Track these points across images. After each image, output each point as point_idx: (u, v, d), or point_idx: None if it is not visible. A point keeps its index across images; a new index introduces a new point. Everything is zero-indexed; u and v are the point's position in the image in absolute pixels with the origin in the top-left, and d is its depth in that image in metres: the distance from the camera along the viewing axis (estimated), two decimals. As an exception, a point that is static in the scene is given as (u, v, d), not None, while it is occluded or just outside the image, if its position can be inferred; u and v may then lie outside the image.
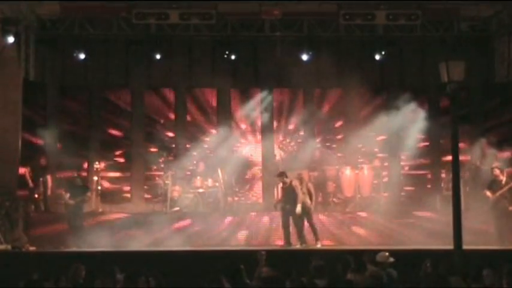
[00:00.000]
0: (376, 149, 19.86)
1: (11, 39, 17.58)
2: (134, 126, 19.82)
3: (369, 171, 19.19)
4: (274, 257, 11.74)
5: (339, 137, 20.16)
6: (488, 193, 16.38)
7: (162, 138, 19.89)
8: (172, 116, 20.13)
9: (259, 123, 20.12)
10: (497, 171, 16.53)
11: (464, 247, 11.77)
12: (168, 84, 20.13)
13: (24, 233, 16.74)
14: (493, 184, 16.48)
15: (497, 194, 16.30)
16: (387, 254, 11.01)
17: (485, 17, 19.30)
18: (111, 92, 19.91)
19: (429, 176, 19.84)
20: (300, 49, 19.23)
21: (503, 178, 16.48)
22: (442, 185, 19.01)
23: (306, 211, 16.11)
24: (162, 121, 20.00)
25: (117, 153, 19.82)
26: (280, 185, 16.74)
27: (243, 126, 20.24)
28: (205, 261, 12.18)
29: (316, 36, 19.34)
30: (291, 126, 20.28)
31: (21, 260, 14.39)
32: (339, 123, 20.16)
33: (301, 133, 20.22)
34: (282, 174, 16.54)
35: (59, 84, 19.69)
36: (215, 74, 19.90)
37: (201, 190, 18.63)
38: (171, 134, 19.99)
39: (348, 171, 19.06)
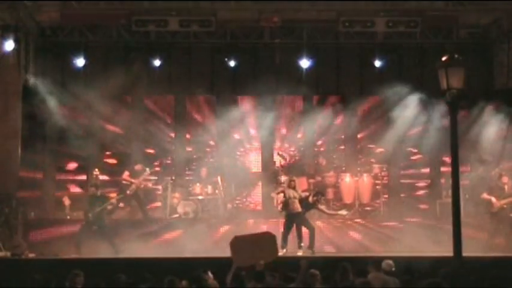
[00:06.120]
0: (376, 156, 19.92)
1: (10, 46, 17.60)
2: (133, 132, 19.80)
3: (368, 178, 19.20)
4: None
5: (339, 143, 20.17)
6: (493, 199, 16.36)
7: (162, 145, 19.88)
8: (171, 122, 20.14)
9: (258, 130, 20.12)
10: (505, 179, 16.54)
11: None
12: (168, 91, 20.14)
13: (24, 240, 16.73)
14: (496, 190, 16.48)
15: (503, 202, 16.31)
16: (391, 262, 11.02)
17: (485, 24, 19.33)
18: (111, 98, 19.88)
19: (429, 183, 19.86)
20: (299, 56, 19.25)
21: (506, 187, 16.52)
22: (442, 192, 19.01)
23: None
24: (161, 128, 20.00)
25: (116, 160, 19.82)
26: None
27: (243, 133, 20.23)
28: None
29: (315, 43, 19.37)
30: (290, 133, 20.30)
31: (20, 267, 14.36)
32: (338, 130, 20.17)
33: (301, 140, 20.25)
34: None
35: (59, 91, 19.67)
36: (215, 81, 19.93)
37: (200, 197, 18.64)
38: (170, 141, 19.99)
39: (347, 179, 19.07)
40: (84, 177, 19.47)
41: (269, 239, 11.44)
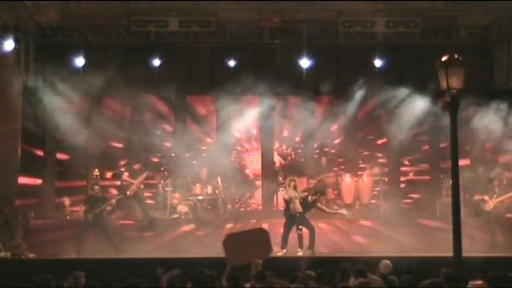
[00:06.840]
0: (375, 156, 19.93)
1: (10, 46, 17.60)
2: (134, 133, 19.79)
3: (368, 178, 19.20)
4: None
5: (339, 144, 20.17)
6: (486, 197, 16.47)
7: (162, 145, 19.87)
8: (171, 123, 20.13)
9: (258, 130, 20.11)
10: (496, 182, 16.75)
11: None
12: (167, 91, 20.10)
13: (24, 240, 16.73)
14: (486, 192, 16.61)
15: (496, 201, 16.39)
16: (388, 262, 11.03)
17: (485, 24, 19.32)
18: (111, 99, 19.88)
19: (429, 182, 19.86)
20: (299, 56, 19.23)
21: (497, 189, 16.66)
22: (442, 191, 19.01)
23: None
24: (161, 128, 19.99)
25: (117, 161, 19.82)
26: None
27: (243, 133, 20.24)
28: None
29: (315, 44, 19.35)
30: (290, 133, 20.29)
31: (20, 268, 14.36)
32: (338, 130, 20.17)
33: (301, 140, 20.24)
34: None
35: (59, 91, 19.64)
36: (214, 81, 19.91)
37: (200, 197, 18.64)
38: (170, 142, 19.99)
39: (347, 179, 19.07)
40: (84, 180, 19.40)
41: (262, 235, 11.35)
